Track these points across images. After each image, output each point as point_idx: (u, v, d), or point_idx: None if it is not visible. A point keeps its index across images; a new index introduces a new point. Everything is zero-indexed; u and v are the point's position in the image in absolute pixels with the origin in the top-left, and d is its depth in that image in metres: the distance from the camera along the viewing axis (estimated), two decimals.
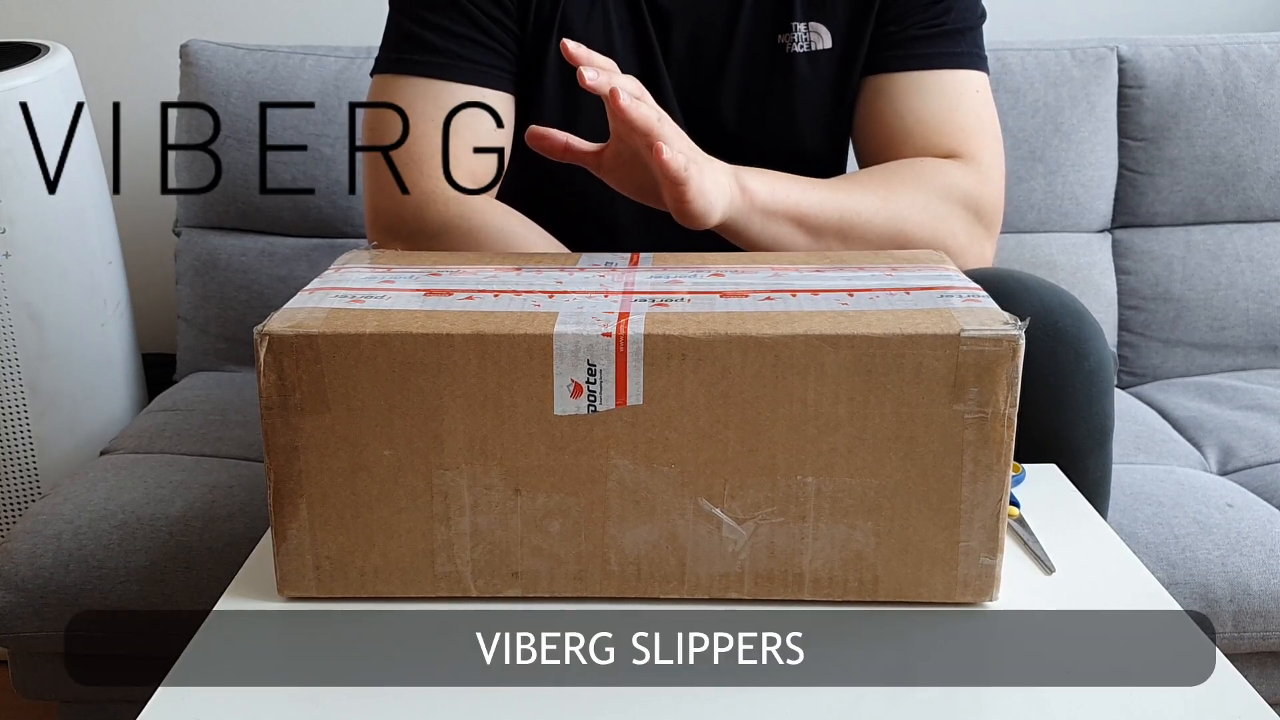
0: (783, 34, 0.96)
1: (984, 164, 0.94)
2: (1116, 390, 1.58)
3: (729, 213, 0.80)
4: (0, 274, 1.36)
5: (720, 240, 0.86)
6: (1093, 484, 0.82)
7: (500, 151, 0.96)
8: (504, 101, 0.96)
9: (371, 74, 0.97)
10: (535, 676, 0.55)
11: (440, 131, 0.93)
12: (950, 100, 0.95)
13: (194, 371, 1.65)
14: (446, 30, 0.93)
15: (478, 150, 0.94)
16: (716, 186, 0.78)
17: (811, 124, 0.98)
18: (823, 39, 0.96)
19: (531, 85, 0.97)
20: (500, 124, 0.95)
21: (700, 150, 0.79)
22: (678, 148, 0.73)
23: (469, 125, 0.94)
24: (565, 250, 0.90)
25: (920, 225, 0.89)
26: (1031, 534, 0.68)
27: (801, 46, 0.96)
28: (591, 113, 0.97)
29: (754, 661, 0.56)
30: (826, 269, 0.68)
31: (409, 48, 0.94)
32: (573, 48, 0.73)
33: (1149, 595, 0.62)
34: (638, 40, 0.97)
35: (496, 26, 0.94)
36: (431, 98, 0.93)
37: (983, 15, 0.98)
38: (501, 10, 0.94)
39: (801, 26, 0.96)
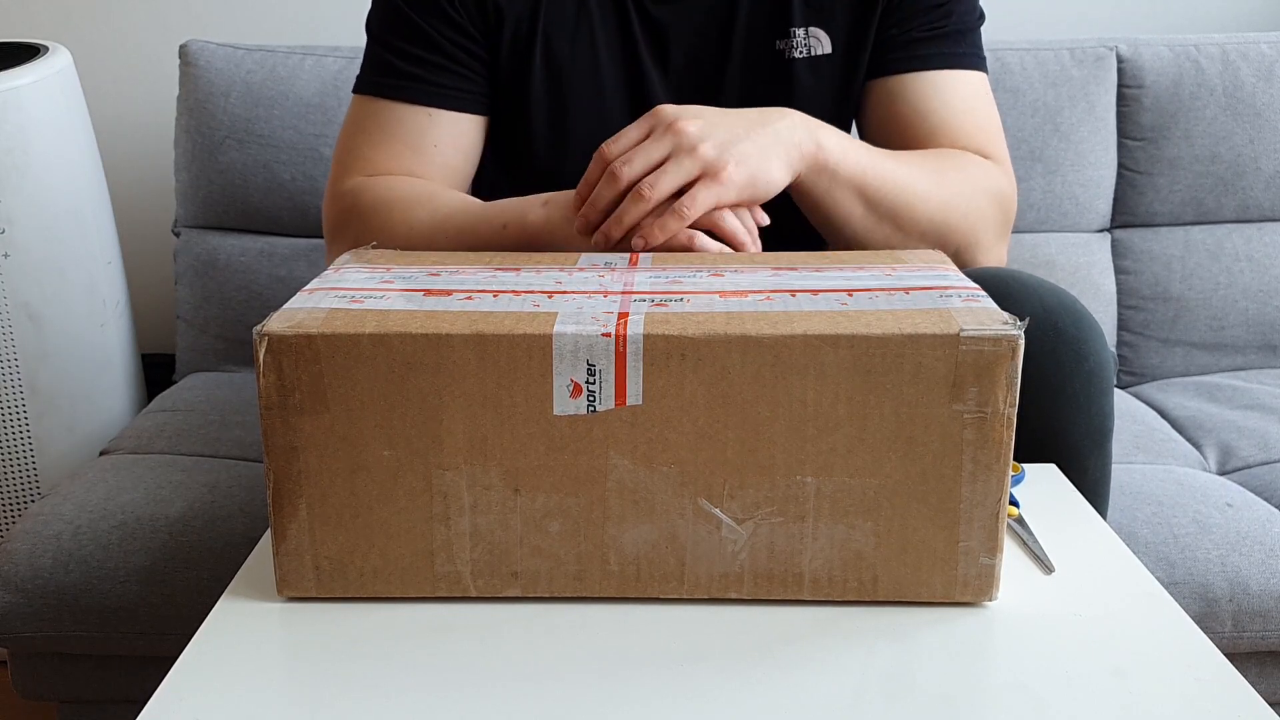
0: (781, 40, 0.96)
1: (1006, 167, 0.95)
2: (1116, 390, 1.58)
3: (797, 169, 0.83)
4: (0, 274, 1.36)
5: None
6: (1092, 484, 0.82)
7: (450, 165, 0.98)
8: (465, 122, 0.97)
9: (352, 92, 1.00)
10: (535, 676, 0.55)
11: (379, 146, 0.96)
12: (967, 102, 0.95)
13: (193, 372, 1.65)
14: (409, 55, 0.95)
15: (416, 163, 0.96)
16: (764, 163, 0.80)
17: None
18: (822, 44, 0.96)
19: (517, 103, 0.97)
20: (441, 142, 0.97)
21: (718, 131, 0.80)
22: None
23: (415, 140, 0.95)
24: (476, 202, 0.91)
25: (963, 216, 0.90)
26: (1031, 534, 0.68)
27: (801, 52, 0.96)
28: (580, 125, 0.97)
29: (754, 662, 0.56)
30: (826, 269, 0.68)
31: (375, 71, 0.97)
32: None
33: (1148, 595, 0.62)
34: (626, 56, 0.97)
35: (461, 52, 0.95)
36: (385, 118, 0.96)
37: (981, 17, 0.98)
38: (465, 36, 0.95)
39: (800, 32, 0.96)
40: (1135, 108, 1.63)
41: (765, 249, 0.83)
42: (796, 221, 1.02)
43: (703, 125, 0.79)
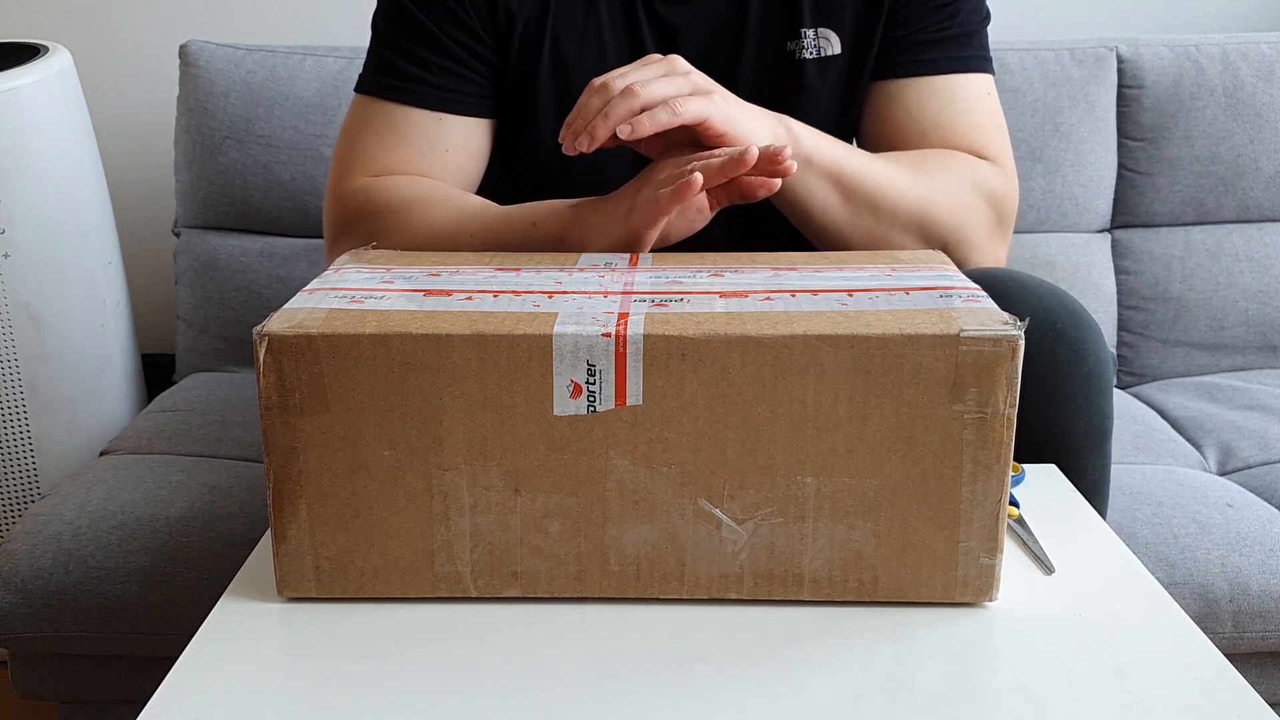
0: (792, 41, 0.96)
1: (1005, 166, 0.95)
2: (1116, 390, 1.58)
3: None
4: (0, 274, 1.36)
5: (715, 244, 0.86)
6: (1092, 484, 0.82)
7: (454, 168, 0.97)
8: (474, 126, 0.97)
9: (355, 90, 0.99)
10: (535, 676, 0.55)
11: (389, 149, 0.95)
12: (965, 104, 0.95)
13: (193, 372, 1.65)
14: (417, 57, 0.94)
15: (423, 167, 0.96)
16: (760, 125, 0.81)
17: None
18: (832, 45, 0.96)
19: (524, 105, 0.97)
20: (453, 147, 0.96)
21: (714, 86, 0.81)
22: (693, 102, 0.77)
23: (426, 145, 0.95)
24: (493, 203, 0.91)
25: (948, 211, 0.90)
26: (1031, 534, 0.68)
27: (811, 53, 0.96)
28: None
29: (754, 662, 0.56)
30: (826, 269, 0.68)
31: (382, 72, 0.96)
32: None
33: (1148, 595, 0.62)
34: (634, 58, 0.96)
35: (468, 55, 0.95)
36: (394, 120, 0.95)
37: (987, 16, 0.98)
38: (474, 39, 0.95)
39: (810, 33, 0.95)
40: (1135, 108, 1.63)
41: (764, 249, 0.83)
42: (795, 233, 1.03)
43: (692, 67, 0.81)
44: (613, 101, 0.77)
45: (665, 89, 0.78)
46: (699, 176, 0.74)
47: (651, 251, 0.80)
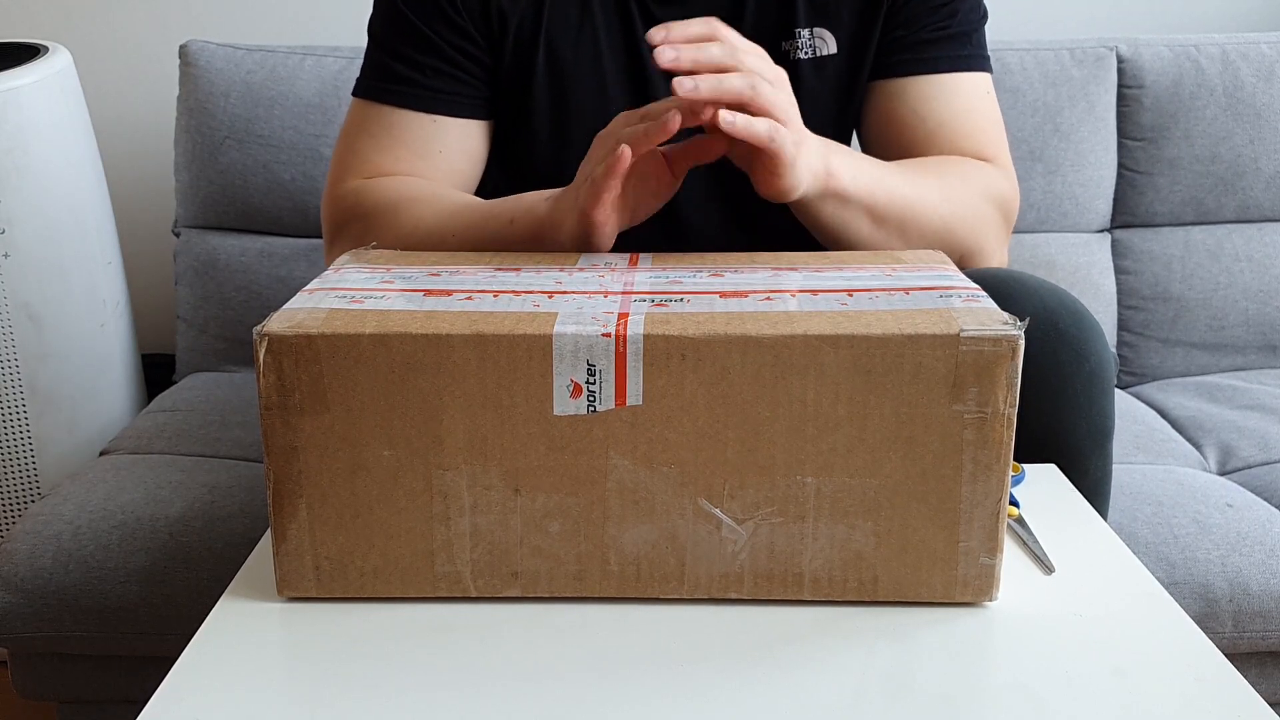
0: (786, 41, 0.96)
1: (1006, 167, 0.95)
2: (1116, 390, 1.58)
3: (808, 192, 0.81)
4: (0, 274, 1.36)
5: (713, 244, 0.86)
6: (1093, 484, 0.82)
7: (450, 170, 0.97)
8: (469, 127, 0.97)
9: (352, 94, 1.00)
10: (535, 676, 0.55)
11: (384, 151, 0.95)
12: (967, 103, 0.95)
13: (193, 372, 1.65)
14: (411, 60, 0.95)
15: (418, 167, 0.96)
16: (808, 168, 0.79)
17: (817, 131, 0.98)
18: (828, 45, 0.96)
19: (520, 106, 0.97)
20: (446, 148, 0.96)
21: (799, 120, 0.78)
22: (786, 135, 0.75)
23: (420, 146, 0.95)
24: (480, 200, 0.91)
25: (966, 224, 0.90)
26: (1031, 534, 0.68)
27: (806, 53, 0.96)
28: (582, 128, 0.97)
29: (754, 662, 0.56)
30: (826, 269, 0.68)
31: (377, 75, 0.97)
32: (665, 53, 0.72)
33: (1149, 595, 0.62)
34: (629, 59, 0.97)
35: (462, 56, 0.95)
36: (389, 123, 0.95)
37: (985, 15, 0.98)
38: (468, 41, 0.95)
39: (805, 33, 0.96)
40: (1135, 108, 1.63)
41: (765, 249, 0.83)
42: (796, 222, 1.03)
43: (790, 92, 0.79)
44: (733, 74, 0.72)
45: (785, 96, 0.76)
46: (626, 150, 0.73)
47: (643, 244, 0.80)
